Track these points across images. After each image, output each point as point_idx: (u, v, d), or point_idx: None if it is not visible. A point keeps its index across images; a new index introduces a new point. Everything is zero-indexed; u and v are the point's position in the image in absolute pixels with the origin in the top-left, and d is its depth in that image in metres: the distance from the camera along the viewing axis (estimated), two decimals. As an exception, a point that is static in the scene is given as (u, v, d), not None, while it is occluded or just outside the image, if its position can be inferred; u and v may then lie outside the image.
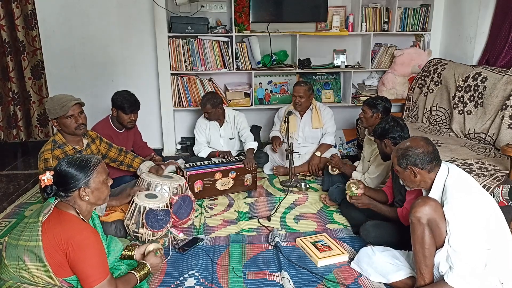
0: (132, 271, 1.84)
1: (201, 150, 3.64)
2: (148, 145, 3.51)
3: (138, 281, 1.83)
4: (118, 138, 3.06)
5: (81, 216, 1.69)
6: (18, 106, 4.17)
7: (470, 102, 3.24)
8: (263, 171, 3.76)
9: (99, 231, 1.87)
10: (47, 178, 1.65)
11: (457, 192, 1.81)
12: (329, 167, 3.25)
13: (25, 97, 4.23)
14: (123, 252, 2.04)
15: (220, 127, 3.67)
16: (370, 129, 3.05)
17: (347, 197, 2.55)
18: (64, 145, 2.36)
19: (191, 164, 3.25)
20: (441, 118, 3.55)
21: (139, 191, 2.49)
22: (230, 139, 3.73)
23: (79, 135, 2.40)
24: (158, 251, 2.01)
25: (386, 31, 4.13)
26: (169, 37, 3.91)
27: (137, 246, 2.07)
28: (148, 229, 2.36)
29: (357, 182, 2.57)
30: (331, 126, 3.73)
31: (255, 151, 3.51)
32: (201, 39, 3.94)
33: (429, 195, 1.90)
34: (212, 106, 3.48)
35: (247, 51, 4.05)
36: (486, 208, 1.81)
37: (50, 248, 1.57)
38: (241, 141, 3.74)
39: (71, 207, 1.67)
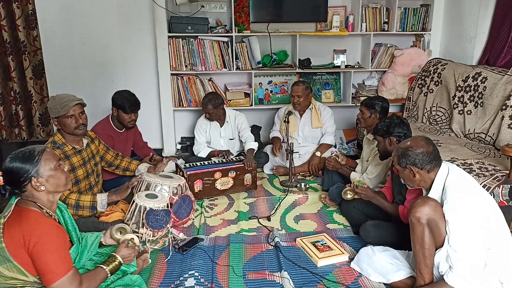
0: (101, 265, 1.77)
1: (201, 150, 3.64)
2: (148, 145, 3.51)
3: (109, 274, 1.75)
4: (119, 138, 3.07)
5: (44, 209, 1.66)
6: (20, 106, 4.17)
7: (470, 102, 3.24)
8: (263, 171, 3.76)
9: (70, 223, 1.83)
10: None
11: (457, 192, 1.81)
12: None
13: (27, 97, 4.23)
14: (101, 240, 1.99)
15: (221, 127, 3.67)
16: (369, 129, 3.05)
17: (353, 185, 2.55)
18: (64, 145, 2.36)
19: (191, 164, 3.26)
20: (441, 118, 3.55)
21: (138, 184, 2.46)
22: (231, 139, 3.73)
23: (79, 135, 2.40)
24: (130, 242, 1.92)
25: (386, 31, 4.13)
26: (169, 37, 3.91)
27: (104, 232, 2.00)
28: (148, 229, 2.36)
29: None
30: (331, 126, 3.73)
31: (255, 151, 3.51)
32: (201, 39, 3.94)
33: (428, 195, 1.90)
34: (213, 107, 3.48)
35: (247, 51, 4.05)
36: (486, 208, 1.81)
37: (13, 247, 1.55)
38: (241, 142, 3.74)
39: (31, 203, 1.64)
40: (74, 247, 1.80)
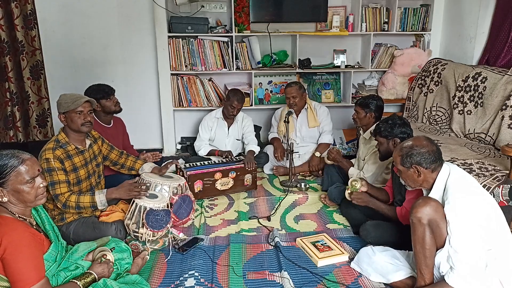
0: (74, 280, 1.76)
1: (202, 147, 3.65)
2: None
3: None
4: (107, 134, 3.00)
5: (17, 215, 1.64)
6: (17, 107, 4.11)
7: (470, 102, 3.24)
8: (263, 171, 3.76)
9: (47, 222, 1.81)
10: None
11: (458, 192, 1.81)
12: (325, 157, 3.27)
13: (24, 98, 4.17)
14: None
15: (229, 127, 3.69)
16: (365, 128, 3.06)
17: (347, 193, 2.55)
18: (67, 144, 2.36)
19: (191, 164, 3.25)
20: (441, 118, 3.55)
21: (142, 193, 2.46)
22: (237, 139, 3.74)
23: (84, 132, 2.40)
24: (103, 258, 1.93)
25: (386, 31, 4.13)
26: (169, 37, 3.91)
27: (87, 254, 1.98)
28: (148, 229, 2.35)
29: (359, 179, 2.57)
30: (328, 125, 3.73)
31: (255, 154, 3.52)
32: (201, 39, 3.94)
33: (429, 195, 1.89)
34: (243, 103, 3.61)
35: (247, 51, 4.05)
36: (486, 208, 1.80)
37: None
38: (243, 143, 3.75)
39: (2, 208, 1.62)
40: (52, 246, 1.77)
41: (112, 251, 2.04)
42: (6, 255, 1.51)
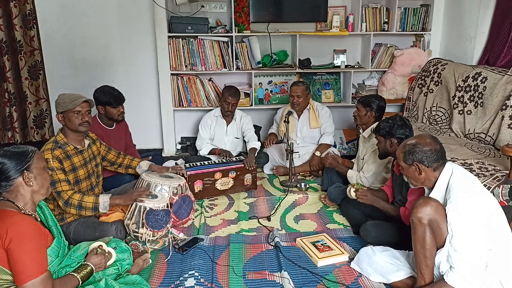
0: (73, 273, 1.78)
1: (203, 147, 3.66)
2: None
3: (80, 282, 1.76)
4: (108, 135, 3.01)
5: (23, 210, 1.66)
6: (14, 107, 4.07)
7: (470, 102, 3.24)
8: (263, 171, 3.76)
9: (50, 218, 1.84)
10: None
11: (461, 192, 1.80)
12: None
13: (22, 98, 4.14)
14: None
15: (227, 125, 3.69)
16: (364, 127, 3.07)
17: (352, 190, 2.53)
18: (66, 145, 2.36)
19: (191, 164, 3.25)
20: (441, 118, 3.55)
21: (138, 184, 2.47)
22: (236, 138, 3.75)
23: (82, 132, 2.40)
24: (99, 249, 1.94)
25: (386, 31, 4.13)
26: (169, 37, 3.91)
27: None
28: (148, 229, 2.35)
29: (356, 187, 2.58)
30: (330, 126, 3.73)
31: (257, 151, 3.52)
32: (201, 39, 3.94)
33: (431, 194, 1.89)
34: (239, 97, 3.64)
35: (247, 51, 4.05)
36: (488, 208, 1.80)
37: None
38: (245, 142, 3.75)
39: (9, 204, 1.64)
40: (55, 241, 1.79)
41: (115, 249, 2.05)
42: (11, 246, 1.53)
